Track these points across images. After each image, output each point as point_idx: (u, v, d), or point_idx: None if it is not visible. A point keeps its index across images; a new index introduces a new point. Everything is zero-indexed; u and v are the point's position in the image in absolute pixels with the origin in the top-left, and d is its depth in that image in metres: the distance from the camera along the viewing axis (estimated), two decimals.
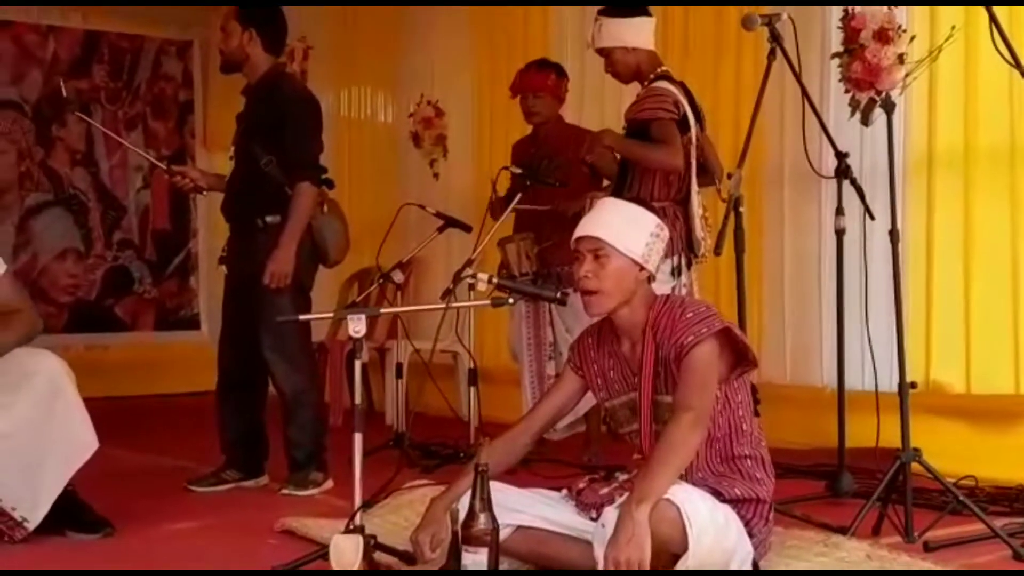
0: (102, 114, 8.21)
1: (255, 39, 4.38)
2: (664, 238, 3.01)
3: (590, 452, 4.83)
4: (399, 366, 5.45)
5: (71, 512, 3.60)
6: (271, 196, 4.30)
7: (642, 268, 2.94)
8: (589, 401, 3.40)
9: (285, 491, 4.28)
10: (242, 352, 4.40)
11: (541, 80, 5.03)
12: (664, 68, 4.32)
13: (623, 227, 2.94)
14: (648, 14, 4.34)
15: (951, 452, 4.14)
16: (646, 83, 4.28)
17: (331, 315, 3.20)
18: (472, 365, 4.56)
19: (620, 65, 4.32)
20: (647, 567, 2.54)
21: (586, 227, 2.97)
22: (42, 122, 8.01)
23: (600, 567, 2.59)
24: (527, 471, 4.28)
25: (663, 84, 4.21)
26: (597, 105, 5.86)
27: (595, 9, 4.45)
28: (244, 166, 4.38)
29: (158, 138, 8.46)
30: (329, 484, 4.31)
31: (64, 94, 4.52)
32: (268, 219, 4.31)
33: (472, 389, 4.57)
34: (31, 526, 3.46)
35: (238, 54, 4.41)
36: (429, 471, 4.60)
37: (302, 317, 3.51)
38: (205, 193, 4.65)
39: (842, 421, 4.09)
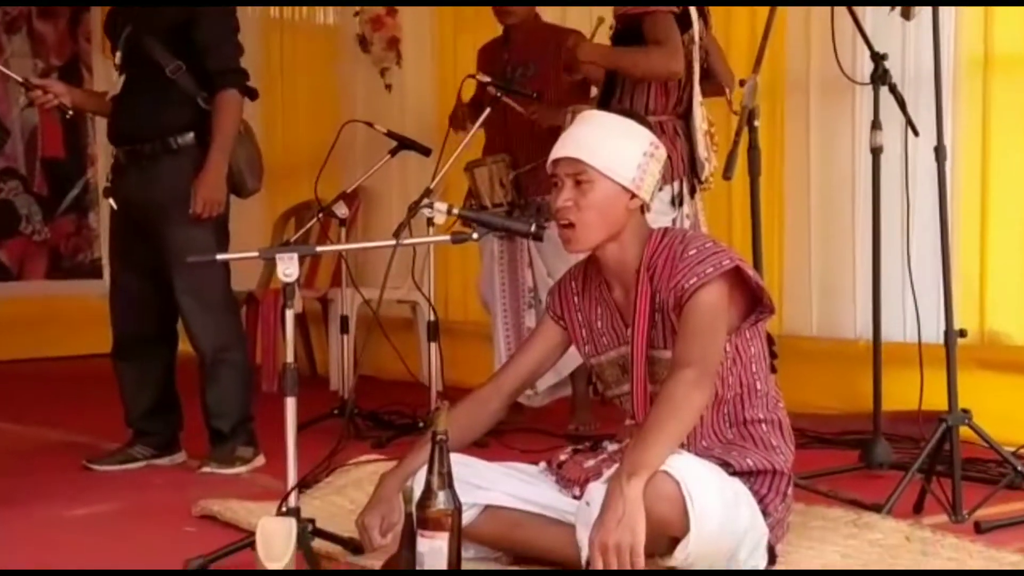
0: None
1: None
2: (660, 158, 3.00)
3: (577, 420, 4.87)
4: (344, 319, 5.46)
5: None
6: (180, 111, 4.28)
7: (633, 196, 2.93)
8: (575, 359, 3.41)
9: (207, 469, 4.30)
10: (143, 305, 4.41)
11: None
12: None
13: (609, 145, 2.93)
14: None
15: (1009, 415, 4.20)
16: None
17: (256, 254, 3.16)
18: (432, 317, 4.56)
19: None
20: (640, 553, 2.55)
21: (565, 146, 2.96)
22: None
23: (584, 553, 2.61)
24: (499, 442, 4.32)
25: None
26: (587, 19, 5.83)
27: None
28: (140, 76, 4.31)
29: (46, 43, 8.39)
30: (260, 461, 4.34)
31: None
32: (180, 140, 4.28)
33: (433, 346, 4.58)
34: None
35: None
36: (380, 445, 4.64)
37: (220, 257, 3.49)
38: (70, 113, 4.56)
39: (878, 379, 4.12)
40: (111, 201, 4.46)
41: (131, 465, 4.40)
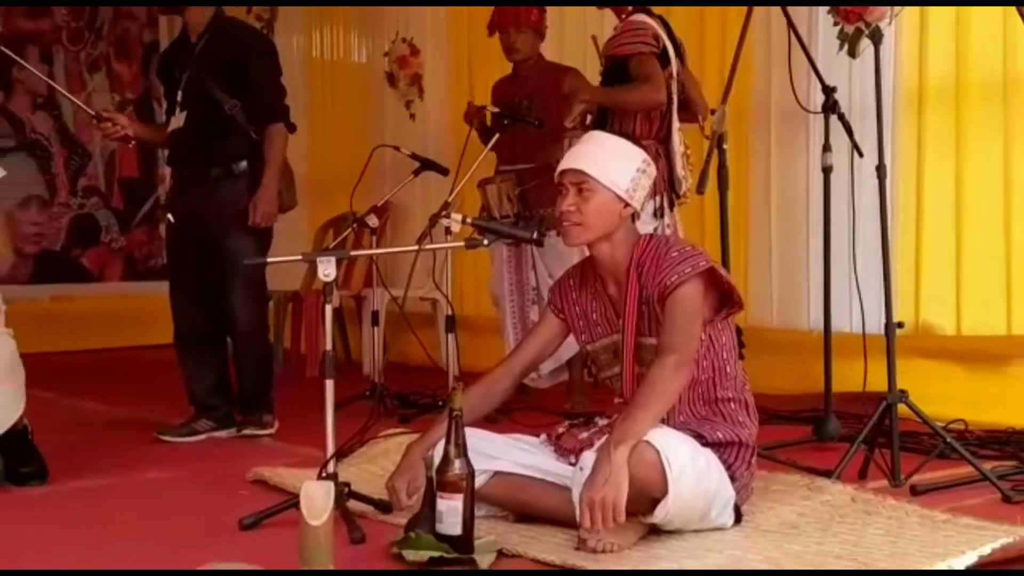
0: (64, 55, 8.14)
1: None
2: (651, 174, 3.02)
3: (573, 400, 4.86)
4: (375, 314, 5.45)
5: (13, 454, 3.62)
6: (238, 142, 4.33)
7: (626, 204, 2.94)
8: (572, 348, 3.41)
9: (247, 432, 4.41)
10: (197, 301, 4.45)
11: (523, 15, 4.96)
12: None
13: (608, 161, 2.95)
14: None
15: (940, 395, 4.19)
16: (624, 16, 4.25)
17: (299, 258, 3.18)
18: (450, 312, 4.55)
19: None
20: (622, 508, 2.57)
21: (570, 160, 2.98)
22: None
23: (578, 511, 2.62)
24: (507, 419, 4.30)
25: (641, 17, 4.19)
26: (580, 45, 5.81)
27: None
28: (200, 112, 4.35)
29: (122, 80, 8.39)
30: (276, 425, 4.49)
31: None
32: (238, 166, 4.34)
33: (450, 336, 4.57)
34: None
35: None
36: (406, 420, 4.63)
37: (271, 260, 3.53)
38: (132, 144, 4.61)
39: (829, 365, 4.11)
40: (169, 216, 4.51)
41: (194, 437, 4.41)
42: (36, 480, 3.61)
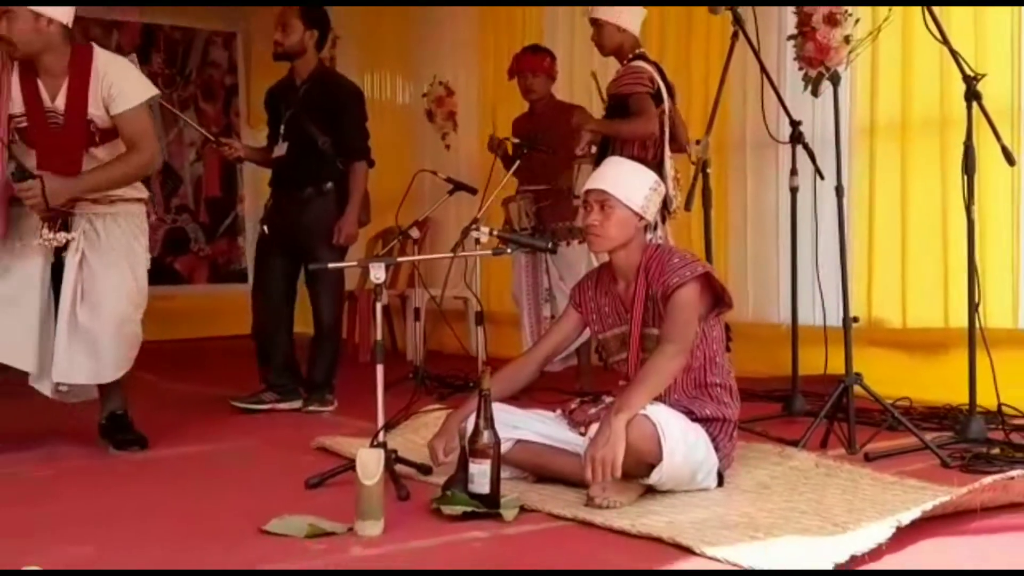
0: (160, 97, 8.16)
1: (314, 37, 4.41)
2: (661, 192, 3.02)
3: (581, 381, 4.83)
4: (417, 311, 5.47)
5: (116, 430, 3.66)
6: (328, 169, 4.41)
7: (641, 218, 2.94)
8: (582, 338, 3.41)
9: (311, 408, 4.42)
10: (275, 300, 4.50)
11: (537, 62, 4.98)
12: (641, 49, 4.29)
13: (626, 182, 2.95)
14: (644, 6, 4.31)
15: (889, 377, 4.16)
16: (625, 62, 4.24)
17: (356, 263, 3.20)
18: (479, 308, 4.55)
19: (607, 38, 4.28)
20: (619, 465, 2.58)
21: (595, 181, 2.99)
22: None
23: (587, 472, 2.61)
24: (528, 397, 4.29)
25: (640, 63, 4.18)
26: (585, 83, 5.80)
27: (582, 8, 4.42)
28: (299, 145, 4.42)
29: (207, 117, 8.41)
30: (335, 404, 4.49)
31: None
32: (326, 187, 4.43)
33: (479, 329, 4.56)
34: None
35: (298, 48, 4.44)
36: (443, 398, 4.63)
37: (332, 265, 3.53)
38: (244, 162, 4.69)
39: (795, 352, 4.11)
40: (264, 227, 4.55)
41: (260, 406, 4.44)
42: (136, 446, 3.63)
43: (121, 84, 3.45)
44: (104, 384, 3.58)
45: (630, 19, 4.24)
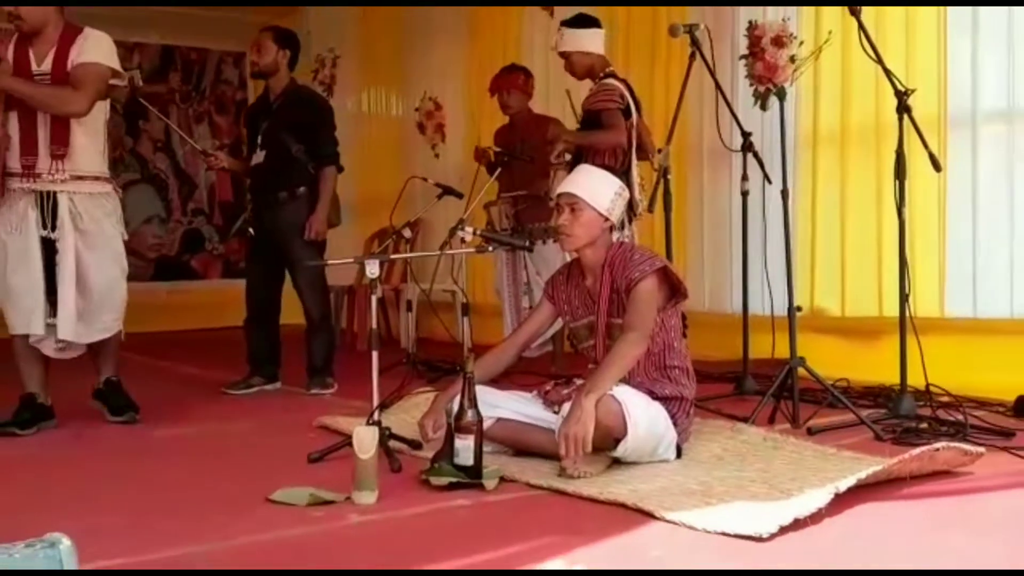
0: (177, 112, 8.13)
1: (286, 56, 4.40)
2: (626, 197, 3.02)
3: (556, 365, 4.84)
4: (409, 302, 5.46)
5: (111, 394, 3.69)
6: (301, 174, 4.39)
7: (607, 219, 2.93)
8: (556, 327, 3.40)
9: (314, 390, 4.39)
10: (264, 292, 4.53)
11: (512, 80, 4.97)
12: (611, 68, 4.27)
13: (594, 187, 2.95)
14: (600, 26, 4.29)
15: (829, 360, 4.17)
16: (597, 80, 4.23)
17: (353, 260, 3.19)
18: (465, 300, 4.54)
19: (577, 66, 4.27)
20: (589, 441, 2.58)
21: (566, 185, 2.99)
22: (131, 118, 7.91)
23: (560, 447, 2.61)
24: (507, 380, 4.28)
25: (611, 81, 4.16)
26: (560, 97, 5.78)
27: (557, 25, 4.40)
28: (275, 153, 4.41)
29: (221, 130, 8.38)
30: (335, 387, 4.46)
31: (137, 83, 4.39)
32: (299, 191, 4.40)
33: (465, 319, 4.55)
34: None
35: (272, 67, 4.46)
36: (432, 382, 4.60)
37: (331, 262, 3.52)
38: (227, 171, 4.83)
39: (746, 338, 4.12)
40: (250, 230, 4.56)
41: (249, 390, 4.46)
42: (131, 411, 3.68)
43: (90, 47, 3.54)
44: (99, 352, 3.66)
45: (590, 42, 4.23)
